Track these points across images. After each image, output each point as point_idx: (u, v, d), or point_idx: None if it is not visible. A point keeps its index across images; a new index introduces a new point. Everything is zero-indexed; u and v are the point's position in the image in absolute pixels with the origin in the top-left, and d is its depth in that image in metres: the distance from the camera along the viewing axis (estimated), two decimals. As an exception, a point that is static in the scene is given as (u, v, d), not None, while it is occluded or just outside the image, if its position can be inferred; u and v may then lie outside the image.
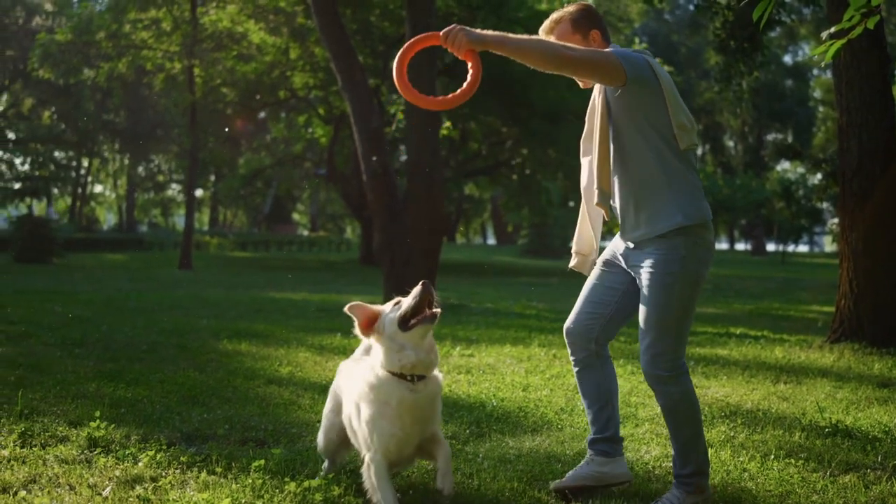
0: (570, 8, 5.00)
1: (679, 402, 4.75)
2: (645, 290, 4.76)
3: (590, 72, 4.65)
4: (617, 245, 5.05)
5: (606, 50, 4.72)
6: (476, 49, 4.54)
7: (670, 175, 4.71)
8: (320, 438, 5.20)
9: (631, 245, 4.90)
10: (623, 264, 5.02)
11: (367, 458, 4.58)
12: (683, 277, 4.68)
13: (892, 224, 11.33)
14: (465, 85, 4.61)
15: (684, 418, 4.77)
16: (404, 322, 4.44)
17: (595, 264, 5.16)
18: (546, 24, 5.01)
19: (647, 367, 4.76)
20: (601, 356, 5.12)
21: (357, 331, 4.65)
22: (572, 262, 5.24)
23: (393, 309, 4.53)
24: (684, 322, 4.76)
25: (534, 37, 4.63)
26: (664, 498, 4.82)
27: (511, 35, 4.57)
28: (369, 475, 4.54)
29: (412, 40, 4.71)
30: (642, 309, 4.77)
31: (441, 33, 4.51)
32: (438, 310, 4.45)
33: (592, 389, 5.14)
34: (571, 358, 5.22)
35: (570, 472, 5.10)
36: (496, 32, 4.57)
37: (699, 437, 4.82)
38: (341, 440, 5.07)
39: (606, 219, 4.98)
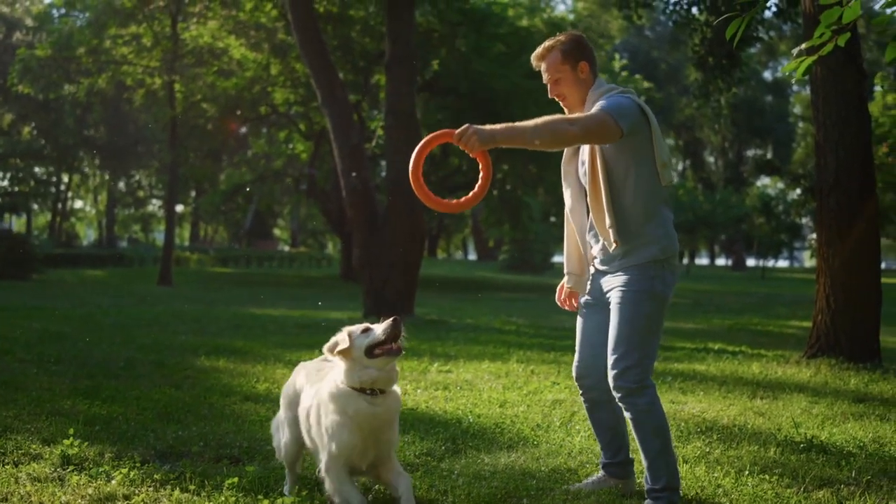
0: (561, 37, 5.16)
1: (647, 414, 4.90)
2: (616, 307, 4.96)
3: (592, 140, 4.87)
4: (596, 281, 5.28)
5: (598, 111, 4.85)
6: (488, 148, 4.67)
7: (650, 212, 4.97)
8: (283, 440, 5.21)
9: (602, 270, 5.15)
10: (600, 297, 5.22)
11: (323, 465, 4.76)
12: (652, 296, 4.92)
13: (868, 240, 11.39)
14: (476, 187, 4.82)
15: (653, 430, 4.92)
16: (370, 350, 4.70)
17: (588, 282, 5.36)
18: (538, 50, 5.18)
19: (616, 380, 4.92)
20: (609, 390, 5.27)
21: (328, 353, 4.83)
22: (569, 283, 5.47)
23: (361, 335, 4.76)
24: (652, 338, 4.96)
25: (538, 121, 4.72)
26: None
27: (518, 125, 4.70)
28: (330, 480, 4.72)
29: (426, 139, 4.83)
30: (613, 324, 4.97)
31: (455, 134, 4.65)
32: (402, 346, 4.73)
33: (604, 422, 5.40)
34: (583, 397, 5.45)
35: (584, 486, 5.33)
36: (504, 128, 4.68)
37: (668, 450, 4.95)
38: (300, 439, 5.13)
39: (611, 249, 5.09)
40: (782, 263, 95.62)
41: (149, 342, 12.81)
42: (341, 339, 4.77)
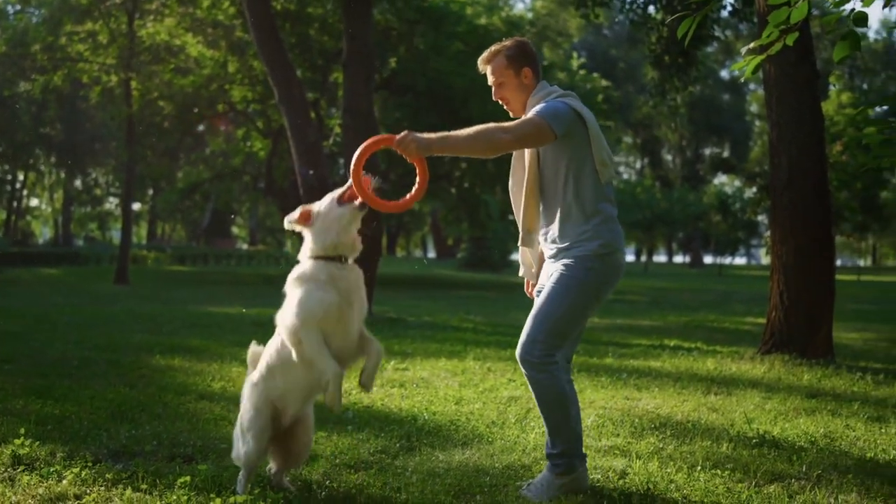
0: (507, 42, 5.39)
1: (547, 389, 5.10)
2: (547, 287, 5.18)
3: (527, 144, 5.08)
4: (543, 270, 5.45)
5: (532, 115, 5.08)
6: (425, 156, 4.96)
7: (588, 209, 5.15)
8: (245, 449, 5.10)
9: (550, 259, 5.33)
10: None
11: (295, 337, 4.93)
12: (584, 286, 5.10)
13: (821, 238, 11.50)
14: (413, 190, 5.07)
15: (552, 404, 5.13)
16: (340, 198, 5.05)
17: (539, 274, 5.58)
18: (485, 55, 5.40)
19: (520, 350, 5.15)
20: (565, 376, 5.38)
21: (293, 222, 5.12)
22: (520, 272, 5.72)
23: (328, 197, 5.13)
24: (569, 324, 5.15)
25: (472, 130, 4.98)
26: (535, 480, 5.21)
27: (452, 135, 4.96)
28: (308, 344, 4.88)
29: (367, 142, 5.01)
30: (538, 300, 5.21)
31: (395, 140, 4.90)
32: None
33: None
34: None
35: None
36: (440, 136, 4.95)
37: (568, 422, 5.15)
38: (264, 448, 5.14)
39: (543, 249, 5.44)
40: (739, 261, 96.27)
41: (104, 341, 12.71)
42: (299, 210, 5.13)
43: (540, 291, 5.42)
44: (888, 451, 6.36)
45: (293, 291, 5.02)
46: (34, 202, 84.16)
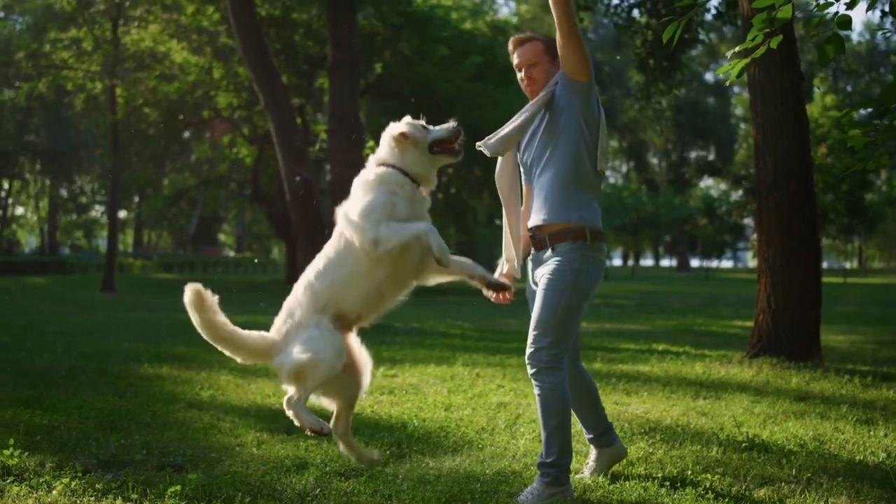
0: (538, 34, 5.68)
1: (551, 393, 5.24)
2: (541, 292, 5.35)
3: (575, 50, 5.24)
4: (534, 270, 5.61)
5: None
6: None
7: (581, 179, 5.37)
8: (327, 350, 5.17)
9: (543, 257, 5.47)
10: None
11: (372, 235, 5.06)
12: (574, 287, 5.28)
13: (808, 240, 11.52)
14: None
15: (553, 409, 5.24)
16: (431, 147, 5.29)
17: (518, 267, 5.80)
18: (519, 37, 5.66)
19: (529, 357, 5.32)
20: (575, 367, 5.68)
21: (394, 134, 5.28)
22: (505, 269, 5.83)
23: (421, 130, 5.30)
24: (568, 325, 5.31)
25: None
26: (526, 492, 5.25)
27: None
28: (385, 235, 5.02)
29: None
30: (536, 306, 5.37)
31: None
32: (461, 150, 5.37)
33: (577, 398, 5.72)
34: None
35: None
36: None
37: (564, 429, 5.27)
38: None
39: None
40: (726, 264, 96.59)
41: (91, 350, 12.67)
42: (407, 125, 5.27)
43: (534, 294, 5.51)
44: (877, 454, 6.37)
45: (374, 189, 5.19)
46: (19, 211, 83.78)
